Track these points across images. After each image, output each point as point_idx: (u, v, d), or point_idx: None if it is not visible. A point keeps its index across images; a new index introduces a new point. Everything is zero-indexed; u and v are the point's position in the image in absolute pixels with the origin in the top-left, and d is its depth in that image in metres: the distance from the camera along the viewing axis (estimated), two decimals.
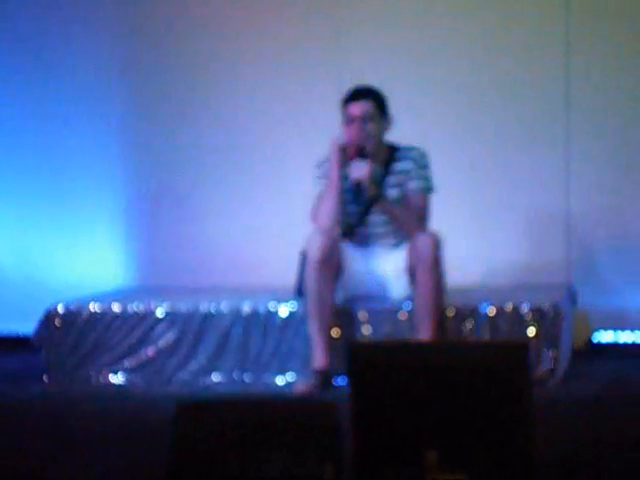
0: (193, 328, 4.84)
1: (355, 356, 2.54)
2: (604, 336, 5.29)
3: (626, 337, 5.27)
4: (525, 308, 4.61)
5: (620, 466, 3.25)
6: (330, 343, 4.56)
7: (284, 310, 4.78)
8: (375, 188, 4.61)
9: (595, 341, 5.28)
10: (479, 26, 5.43)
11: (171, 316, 4.87)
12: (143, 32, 5.76)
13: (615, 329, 5.27)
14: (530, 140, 5.40)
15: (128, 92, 5.78)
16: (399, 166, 4.69)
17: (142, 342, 4.87)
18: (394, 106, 4.70)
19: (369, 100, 4.62)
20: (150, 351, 4.87)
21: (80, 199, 5.81)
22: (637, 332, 5.25)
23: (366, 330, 4.69)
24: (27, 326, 5.13)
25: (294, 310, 4.75)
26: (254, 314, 4.80)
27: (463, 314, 4.65)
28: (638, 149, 5.31)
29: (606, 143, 5.33)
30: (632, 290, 5.27)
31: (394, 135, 4.73)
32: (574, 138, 5.35)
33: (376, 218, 4.69)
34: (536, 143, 5.40)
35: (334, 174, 4.61)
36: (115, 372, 4.88)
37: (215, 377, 4.80)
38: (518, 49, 5.39)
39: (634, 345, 5.24)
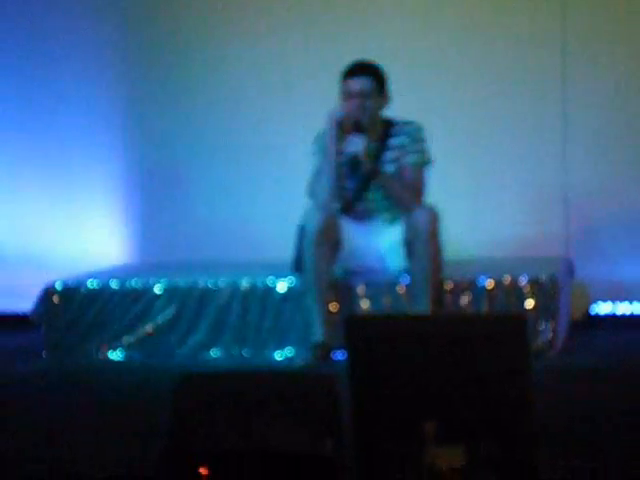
0: (192, 304, 4.84)
1: (353, 330, 2.54)
2: (602, 308, 5.30)
3: (624, 308, 5.28)
4: (523, 280, 4.62)
5: (618, 436, 3.27)
6: (328, 317, 4.57)
7: (282, 285, 4.78)
8: (371, 163, 4.61)
9: (593, 313, 5.29)
10: (477, 2, 5.41)
11: (169, 292, 4.87)
12: (138, 13, 5.74)
13: (613, 301, 5.28)
14: (528, 114, 5.39)
15: (123, 70, 5.76)
16: (396, 141, 4.68)
17: (141, 318, 4.88)
18: (393, 81, 4.69)
19: (368, 76, 4.60)
20: (149, 327, 4.87)
21: (77, 176, 5.80)
22: (635, 303, 5.26)
23: (364, 304, 4.69)
24: (25, 304, 5.13)
25: (292, 285, 4.76)
26: (252, 289, 4.80)
27: (461, 287, 4.65)
28: (636, 122, 5.30)
29: (604, 116, 5.32)
30: (630, 262, 5.27)
31: (392, 110, 4.72)
32: (572, 112, 5.34)
33: (373, 193, 4.69)
34: (534, 116, 5.39)
35: (331, 148, 4.60)
36: (114, 348, 4.89)
37: (214, 352, 4.81)
38: (515, 26, 5.37)
39: (632, 316, 5.26)
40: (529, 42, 5.36)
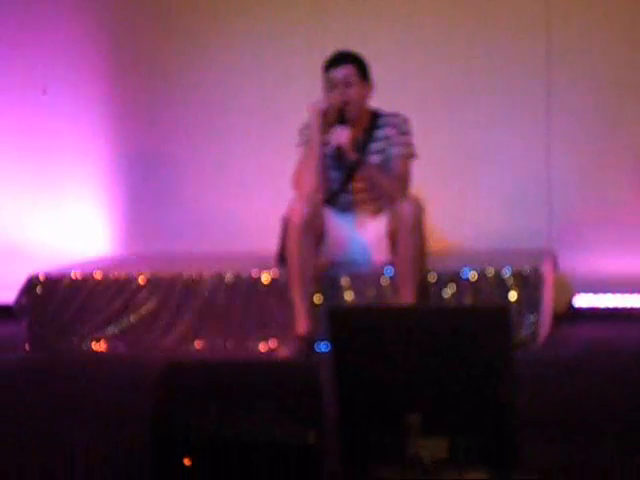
0: (175, 295, 4.84)
1: (336, 321, 2.54)
2: (585, 300, 5.31)
3: (606, 300, 5.30)
4: (506, 273, 4.63)
5: (601, 427, 3.28)
6: (312, 309, 4.57)
7: (266, 276, 4.78)
8: (356, 154, 4.61)
9: (576, 305, 5.31)
10: None
11: (153, 283, 4.86)
12: (129, 5, 5.72)
13: (596, 293, 5.30)
14: (512, 107, 5.40)
15: (109, 60, 5.74)
16: (381, 132, 4.68)
17: (124, 309, 4.87)
18: (377, 73, 4.69)
19: (350, 65, 4.60)
20: (132, 318, 4.86)
21: (61, 167, 5.78)
22: (617, 295, 5.28)
23: (348, 296, 4.69)
24: (8, 295, 5.12)
25: (276, 276, 4.76)
26: (236, 281, 4.80)
27: (445, 279, 4.66)
28: (619, 115, 5.31)
29: (586, 111, 5.34)
30: (612, 254, 5.29)
31: (377, 102, 4.72)
32: (555, 105, 5.35)
33: (358, 184, 4.69)
34: (517, 110, 5.40)
35: (315, 140, 4.60)
36: (97, 339, 4.88)
37: (198, 344, 4.81)
38: (500, 20, 5.37)
39: (615, 308, 5.27)
40: (514, 38, 5.36)
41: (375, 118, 4.69)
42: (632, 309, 5.25)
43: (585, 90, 5.32)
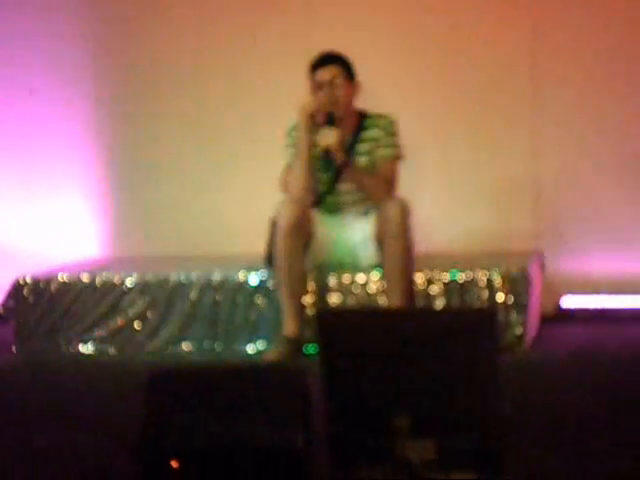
0: (163, 297, 4.83)
1: (324, 323, 2.54)
2: (572, 301, 5.32)
3: (594, 302, 5.31)
4: (494, 274, 4.63)
5: (589, 428, 3.29)
6: (300, 311, 4.57)
7: (254, 278, 4.78)
8: (344, 155, 4.61)
9: (564, 306, 5.31)
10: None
11: (141, 285, 4.85)
12: (121, 8, 5.72)
13: (583, 294, 5.31)
14: (498, 108, 5.40)
15: (97, 64, 5.72)
16: (368, 133, 4.68)
17: (112, 312, 4.86)
18: (364, 74, 4.69)
19: (336, 65, 4.61)
20: (120, 321, 4.86)
21: (49, 170, 5.76)
22: (605, 296, 5.29)
23: (336, 298, 4.69)
24: None
25: (264, 278, 4.75)
26: (224, 283, 4.80)
27: (432, 281, 4.66)
28: (606, 114, 5.32)
29: (573, 111, 5.34)
30: (599, 255, 5.30)
31: (363, 103, 4.72)
32: (541, 106, 5.36)
33: (345, 186, 4.69)
34: (504, 111, 5.40)
35: (303, 141, 4.60)
36: (85, 342, 4.87)
37: (185, 346, 4.80)
38: (485, 20, 5.38)
39: (602, 309, 5.28)
40: (499, 36, 5.37)
41: (362, 119, 4.70)
42: (620, 310, 5.26)
43: (571, 91, 5.33)
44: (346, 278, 4.69)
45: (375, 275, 4.65)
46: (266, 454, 2.50)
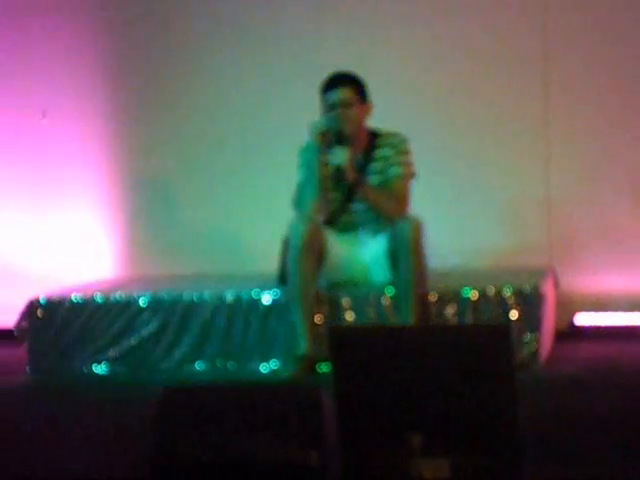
0: (176, 317, 4.83)
1: (337, 341, 2.54)
2: (586, 318, 5.31)
3: (608, 319, 5.29)
4: (507, 291, 4.63)
5: (603, 447, 3.27)
6: (313, 330, 4.56)
7: (267, 297, 4.77)
8: (355, 174, 4.61)
9: (577, 323, 5.30)
10: (459, 11, 5.43)
11: (154, 305, 4.86)
12: (120, 23, 5.74)
13: (597, 311, 5.29)
14: (510, 123, 5.41)
15: (108, 82, 5.75)
16: (380, 152, 4.69)
17: (125, 331, 4.86)
18: (375, 92, 4.70)
19: (348, 86, 4.62)
20: (133, 340, 4.86)
21: (62, 190, 5.78)
22: (618, 313, 5.27)
23: (349, 316, 4.69)
24: (9, 318, 5.11)
25: (277, 297, 4.75)
26: (237, 302, 4.80)
27: (445, 298, 4.65)
28: (617, 130, 5.32)
29: (586, 127, 5.34)
30: (613, 272, 5.29)
31: (375, 121, 4.73)
32: (554, 121, 5.36)
33: (357, 205, 4.69)
34: (516, 126, 5.40)
35: (314, 161, 4.61)
36: (99, 362, 4.87)
37: (199, 365, 4.80)
38: (497, 34, 5.39)
39: (615, 327, 5.27)
40: (511, 53, 5.38)
41: (373, 138, 4.70)
42: (633, 327, 5.24)
43: (585, 108, 5.33)
44: (359, 296, 4.69)
45: (388, 293, 4.65)
46: (280, 471, 2.49)
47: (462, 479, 2.45)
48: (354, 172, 4.60)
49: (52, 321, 4.91)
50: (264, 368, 4.74)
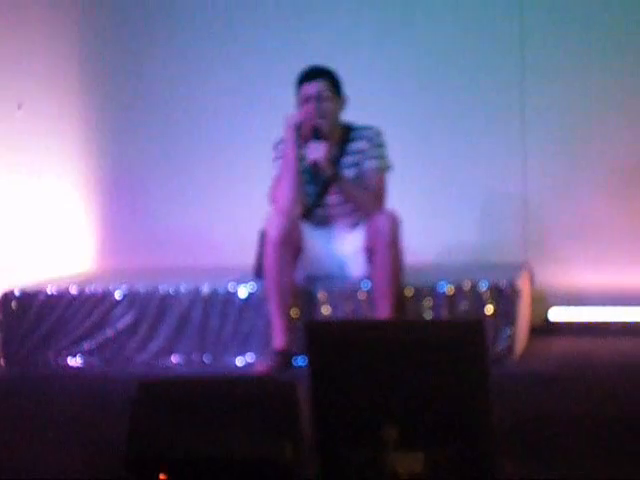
0: (152, 310, 4.83)
1: (313, 335, 2.54)
2: (560, 314, 5.33)
3: (582, 314, 5.32)
4: (483, 286, 4.64)
5: (576, 441, 3.29)
6: (290, 323, 4.57)
7: (243, 291, 4.78)
8: (331, 168, 4.61)
9: (552, 319, 5.32)
10: (436, 8, 5.44)
11: (129, 298, 4.85)
12: (112, 23, 5.72)
13: (571, 306, 5.32)
14: (486, 119, 5.42)
15: (86, 78, 5.73)
16: (354, 146, 4.69)
17: (100, 324, 4.85)
18: (351, 86, 4.70)
19: (323, 79, 4.62)
20: (109, 333, 4.85)
21: (37, 183, 5.76)
22: (593, 309, 5.30)
23: (326, 310, 4.70)
24: None
25: (253, 291, 4.75)
26: (213, 295, 4.79)
27: (421, 293, 4.67)
28: (593, 130, 5.34)
29: (562, 124, 5.36)
30: (588, 268, 5.31)
31: (350, 115, 4.73)
32: (530, 119, 5.37)
33: (333, 198, 4.70)
34: (492, 122, 5.42)
35: (289, 154, 4.60)
36: (73, 354, 4.86)
37: (174, 358, 4.80)
38: (473, 31, 5.40)
39: (590, 322, 5.29)
40: (488, 48, 5.39)
41: (348, 131, 4.71)
42: (608, 323, 5.27)
43: (559, 106, 5.35)
44: (335, 290, 4.69)
45: (364, 287, 4.65)
46: (255, 466, 2.49)
47: (436, 473, 2.46)
48: (331, 166, 4.60)
49: (26, 313, 4.89)
50: (240, 361, 4.74)
